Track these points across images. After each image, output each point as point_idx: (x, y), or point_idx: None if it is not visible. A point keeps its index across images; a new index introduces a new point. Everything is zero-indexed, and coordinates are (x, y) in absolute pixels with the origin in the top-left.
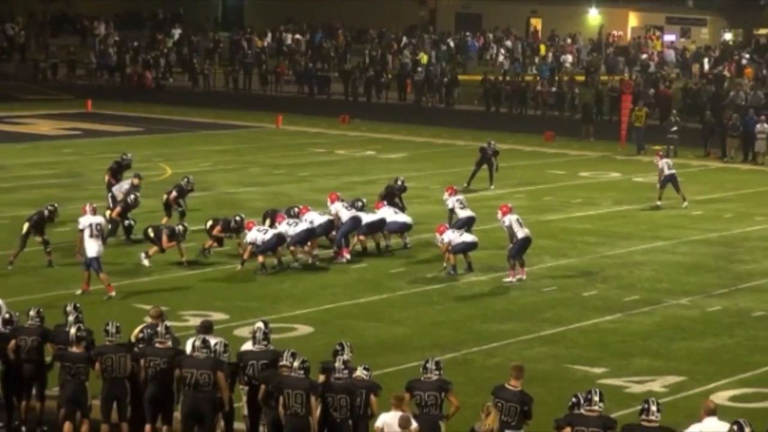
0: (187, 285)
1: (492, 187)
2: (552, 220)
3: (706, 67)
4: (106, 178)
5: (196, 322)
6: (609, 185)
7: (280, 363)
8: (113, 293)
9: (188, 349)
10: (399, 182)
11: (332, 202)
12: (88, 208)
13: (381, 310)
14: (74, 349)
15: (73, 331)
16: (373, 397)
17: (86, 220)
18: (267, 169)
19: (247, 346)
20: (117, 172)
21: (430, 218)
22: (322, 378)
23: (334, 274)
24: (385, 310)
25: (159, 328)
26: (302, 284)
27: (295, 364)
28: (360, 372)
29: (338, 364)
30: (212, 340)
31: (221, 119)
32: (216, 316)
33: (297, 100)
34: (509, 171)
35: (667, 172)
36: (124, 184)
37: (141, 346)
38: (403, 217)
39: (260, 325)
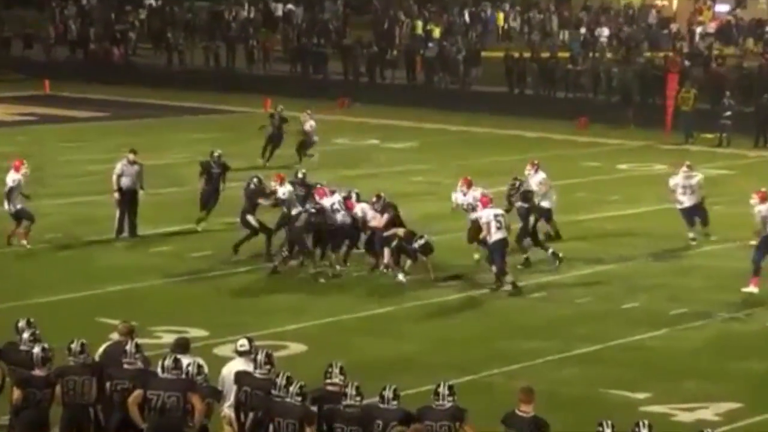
0: (161, 296)
1: (265, 163)
2: (586, 220)
3: None
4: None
5: (170, 339)
6: (652, 179)
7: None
8: None
9: (159, 370)
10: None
11: (484, 206)
12: None
13: (386, 324)
14: (38, 372)
15: (37, 350)
16: (399, 429)
17: None
18: (253, 160)
19: (236, 365)
20: (208, 172)
21: (440, 219)
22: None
23: (332, 284)
24: (390, 324)
25: (128, 347)
26: (295, 295)
27: (291, 388)
28: (388, 393)
29: (350, 390)
30: (185, 361)
31: (200, 103)
32: (193, 332)
33: (288, 81)
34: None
35: None
36: (120, 165)
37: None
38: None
39: (244, 342)
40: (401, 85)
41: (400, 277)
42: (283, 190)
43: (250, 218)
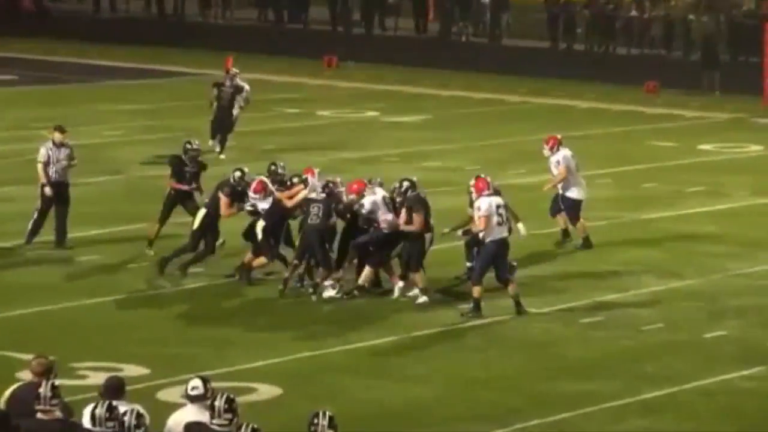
0: (88, 321)
1: (221, 156)
2: (656, 220)
3: None
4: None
5: (98, 379)
6: (745, 165)
7: None
8: None
9: (86, 421)
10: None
11: (479, 193)
12: None
13: (388, 360)
14: None
15: None
16: None
17: None
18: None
19: (186, 414)
20: (180, 172)
21: (461, 215)
22: None
23: (313, 305)
24: (391, 359)
25: (43, 390)
26: (263, 320)
27: None
28: None
29: None
30: (122, 408)
31: (139, 62)
32: (130, 370)
33: (257, 33)
34: (587, 142)
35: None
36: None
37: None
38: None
39: (197, 383)
40: (408, 38)
41: (422, 298)
42: (266, 204)
43: (198, 215)
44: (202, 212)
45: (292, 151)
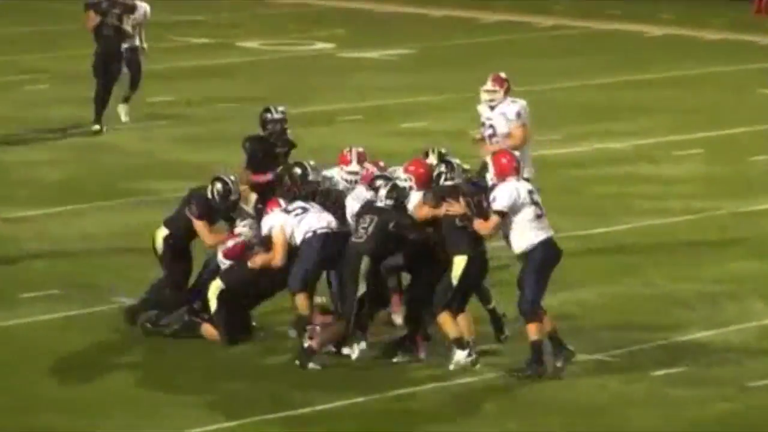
0: None
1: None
2: None
3: None
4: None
5: None
6: None
7: None
8: None
9: None
10: None
11: (502, 174)
12: None
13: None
14: None
15: None
16: None
17: None
18: (72, 87)
19: None
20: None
21: None
22: None
23: (267, 351)
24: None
25: None
26: (167, 373)
27: None
28: None
29: None
30: None
31: None
32: None
33: None
34: (664, 90)
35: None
36: None
37: None
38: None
39: None
40: None
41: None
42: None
43: (158, 235)
44: (162, 232)
45: (200, 106)
